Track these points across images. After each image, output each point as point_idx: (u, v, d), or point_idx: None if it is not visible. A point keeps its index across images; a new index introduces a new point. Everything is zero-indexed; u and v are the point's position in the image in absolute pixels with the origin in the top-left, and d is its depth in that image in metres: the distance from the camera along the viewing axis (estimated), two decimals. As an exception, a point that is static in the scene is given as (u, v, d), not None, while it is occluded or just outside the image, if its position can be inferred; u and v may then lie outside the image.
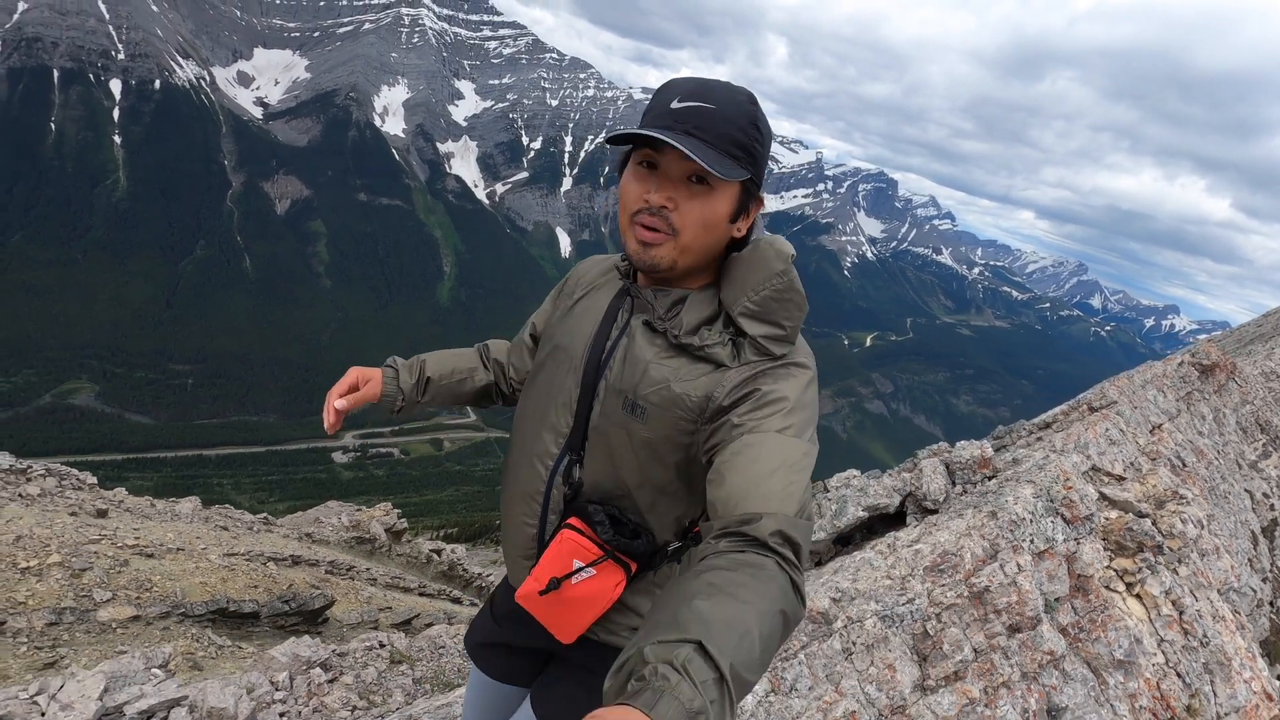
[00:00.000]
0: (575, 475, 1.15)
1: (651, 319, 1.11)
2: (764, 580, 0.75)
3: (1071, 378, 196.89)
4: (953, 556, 2.20)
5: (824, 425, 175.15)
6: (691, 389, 1.04)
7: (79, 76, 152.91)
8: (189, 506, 8.86)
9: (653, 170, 1.03)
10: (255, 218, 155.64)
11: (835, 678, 1.95)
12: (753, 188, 1.04)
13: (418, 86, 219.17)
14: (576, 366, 1.17)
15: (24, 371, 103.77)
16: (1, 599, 4.39)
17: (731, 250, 1.10)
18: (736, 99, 1.01)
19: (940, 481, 2.70)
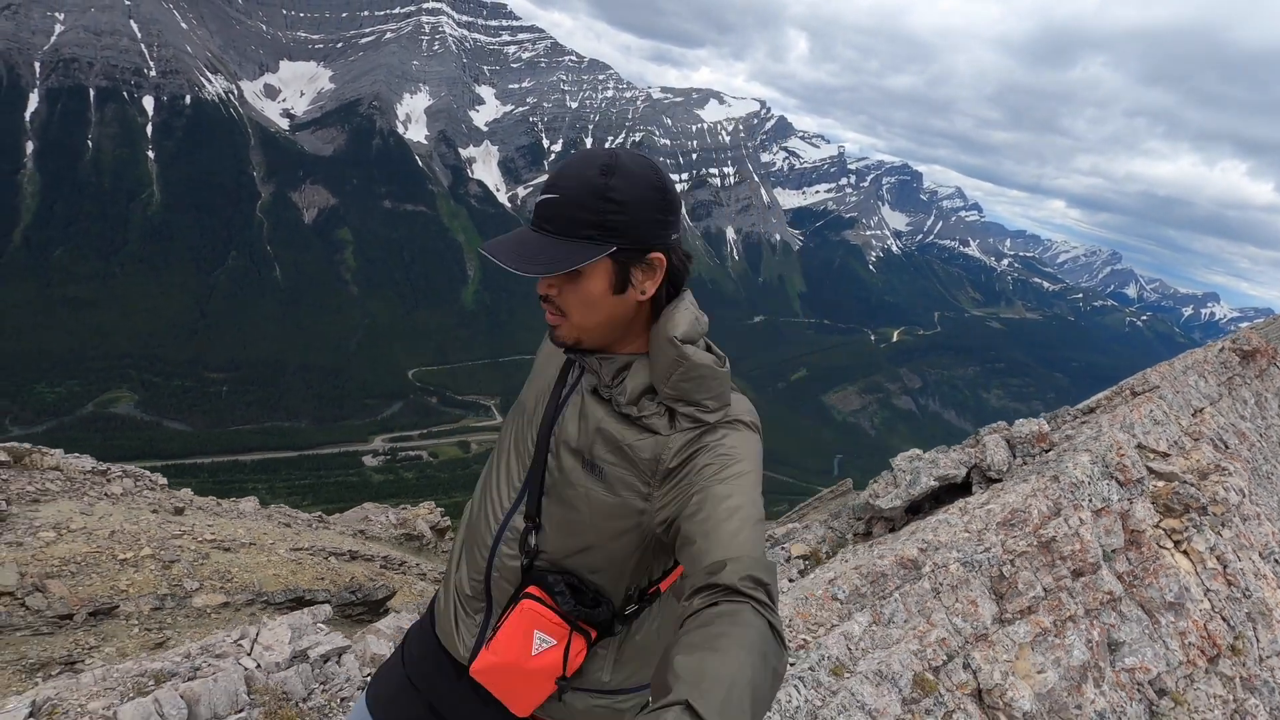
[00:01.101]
0: (531, 543, 1.15)
1: (598, 386, 1.13)
2: (741, 626, 0.76)
3: (1107, 369, 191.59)
4: (1021, 513, 2.51)
5: (851, 422, 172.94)
6: (641, 451, 1.07)
7: (114, 94, 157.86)
8: (250, 505, 9.47)
9: None
10: (284, 227, 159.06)
11: (926, 612, 2.23)
12: (632, 254, 1.05)
13: (439, 93, 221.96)
14: (532, 420, 1.20)
15: (68, 382, 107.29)
16: (107, 587, 4.93)
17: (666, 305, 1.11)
18: (584, 177, 1.03)
19: (1003, 454, 2.98)
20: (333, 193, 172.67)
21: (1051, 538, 2.48)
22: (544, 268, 1.01)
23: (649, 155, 1.09)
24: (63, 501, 6.32)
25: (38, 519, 5.72)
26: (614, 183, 1.02)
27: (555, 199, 1.03)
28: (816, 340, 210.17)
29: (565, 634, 1.10)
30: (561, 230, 1.02)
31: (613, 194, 1.02)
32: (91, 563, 5.28)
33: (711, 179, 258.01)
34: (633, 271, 1.06)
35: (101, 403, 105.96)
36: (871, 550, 2.53)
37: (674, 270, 1.10)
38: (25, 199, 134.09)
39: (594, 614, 1.11)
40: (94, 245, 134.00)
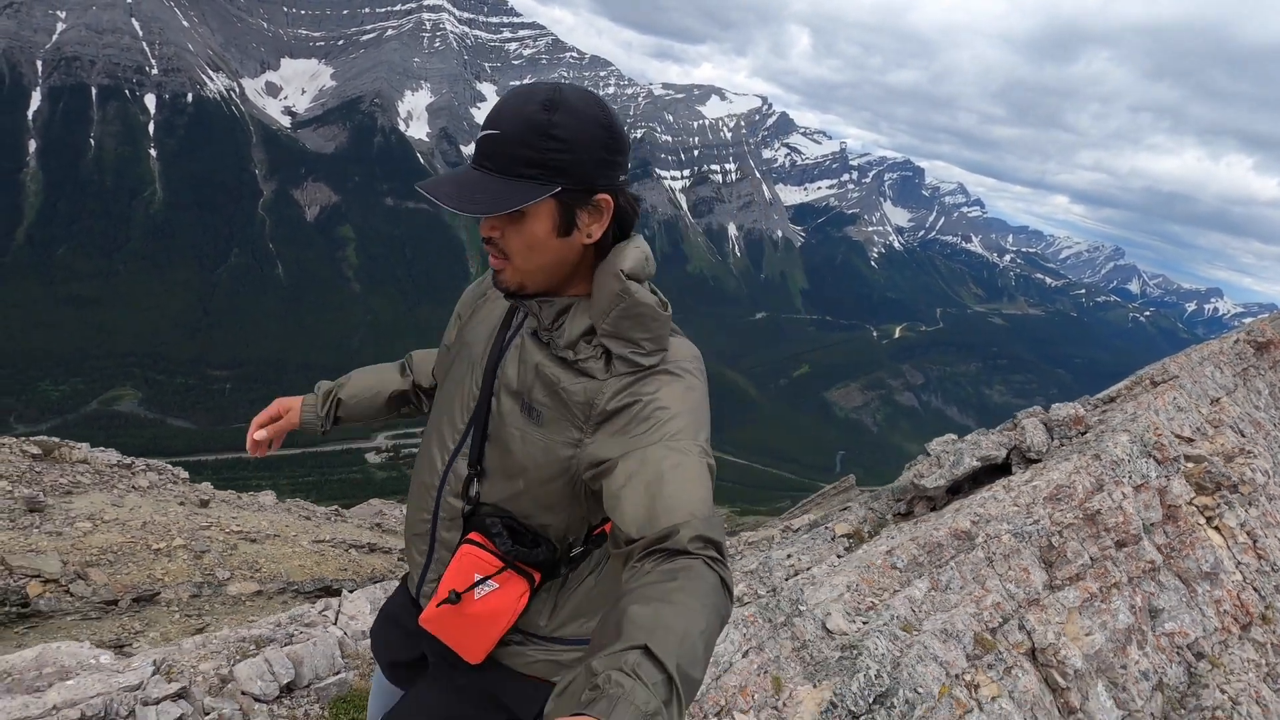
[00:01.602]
0: (473, 490, 1.15)
1: (538, 330, 1.12)
2: (694, 580, 0.77)
3: (1110, 365, 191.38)
4: (1067, 489, 2.70)
5: (854, 419, 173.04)
6: (576, 395, 1.06)
7: (115, 93, 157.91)
8: (269, 499, 9.57)
9: None
10: (286, 225, 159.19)
11: (981, 579, 2.39)
12: (577, 195, 1.01)
13: (440, 90, 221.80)
14: (476, 364, 1.19)
15: (72, 380, 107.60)
16: (144, 575, 5.07)
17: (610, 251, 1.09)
18: (525, 112, 0.97)
19: (1041, 436, 3.14)
20: (334, 190, 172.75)
21: (1096, 511, 2.64)
22: (482, 207, 0.96)
23: (595, 93, 1.02)
24: (94, 493, 6.43)
25: (73, 510, 5.84)
26: (557, 119, 0.96)
27: (495, 135, 0.98)
28: (818, 337, 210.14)
29: (508, 576, 1.10)
30: (502, 169, 0.98)
31: (556, 130, 0.96)
32: (127, 552, 5.39)
33: (713, 175, 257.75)
34: (578, 213, 1.02)
35: (105, 400, 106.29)
36: (917, 527, 2.61)
37: (621, 213, 1.06)
38: (28, 197, 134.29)
39: (532, 554, 1.11)
40: (97, 243, 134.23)
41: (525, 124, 0.96)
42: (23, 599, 3.92)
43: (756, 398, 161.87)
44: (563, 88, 0.99)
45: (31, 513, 5.31)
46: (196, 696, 2.32)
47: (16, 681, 2.30)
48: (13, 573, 4.34)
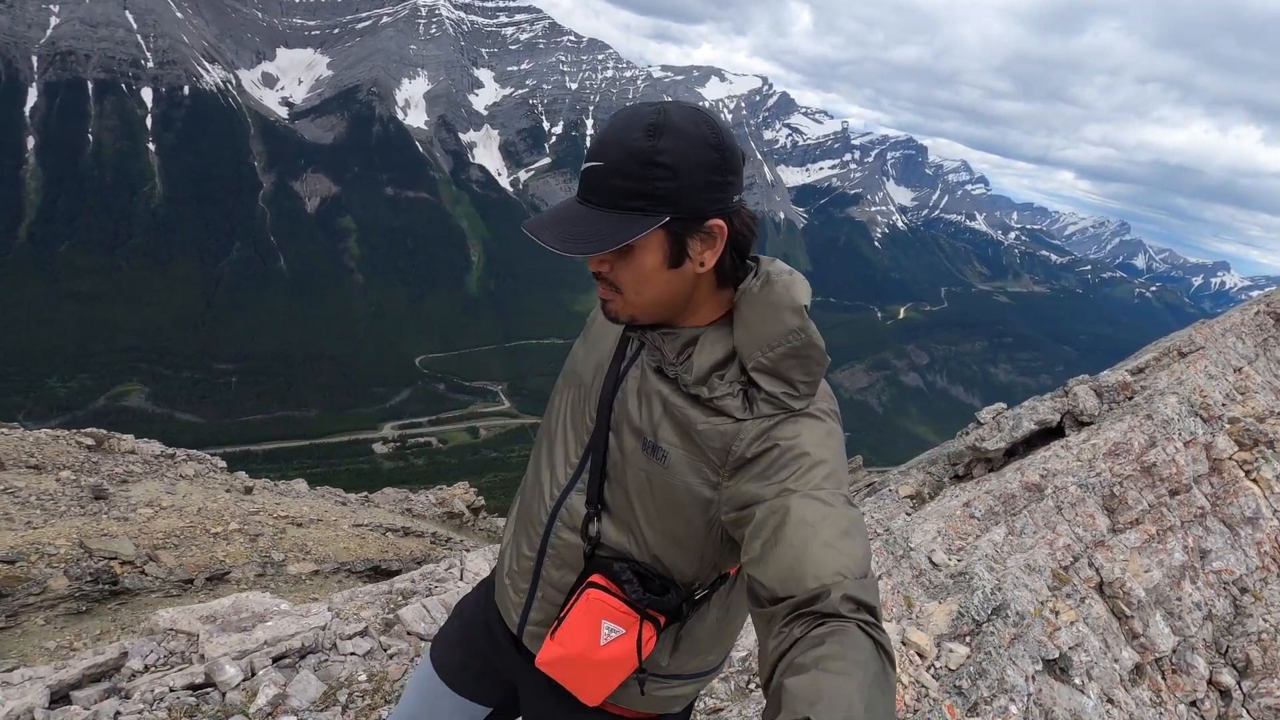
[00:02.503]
0: (594, 530, 1.10)
1: (662, 364, 1.04)
2: (850, 647, 0.72)
3: (1116, 341, 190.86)
4: (1124, 445, 3.00)
5: (859, 400, 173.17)
6: (708, 438, 0.99)
7: (112, 87, 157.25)
8: (303, 486, 9.87)
9: None
10: (287, 217, 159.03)
11: (1051, 525, 2.69)
12: (688, 224, 0.95)
13: (438, 78, 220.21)
14: (589, 394, 1.13)
15: (79, 376, 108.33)
16: (206, 557, 5.27)
17: (734, 275, 1.03)
18: (628, 140, 0.92)
19: (1093, 401, 3.45)
20: (334, 181, 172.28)
21: (1152, 463, 2.95)
22: (589, 246, 0.93)
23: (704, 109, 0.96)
24: (147, 482, 6.67)
25: (132, 497, 6.07)
26: (662, 145, 0.91)
27: (598, 167, 0.94)
28: (822, 319, 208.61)
29: (634, 622, 1.06)
30: (607, 202, 0.93)
31: (661, 158, 0.91)
32: (189, 536, 5.63)
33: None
34: (689, 242, 0.96)
35: (113, 396, 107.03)
36: (980, 485, 2.85)
37: (736, 236, 0.99)
38: (29, 194, 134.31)
39: (663, 601, 1.06)
40: (98, 239, 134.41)
41: (628, 153, 0.92)
42: (113, 578, 4.15)
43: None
44: (668, 108, 0.94)
45: (97, 500, 5.54)
46: (373, 635, 2.77)
47: (226, 622, 2.76)
48: (92, 555, 4.56)
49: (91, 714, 2.16)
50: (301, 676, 2.49)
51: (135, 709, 2.23)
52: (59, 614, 3.80)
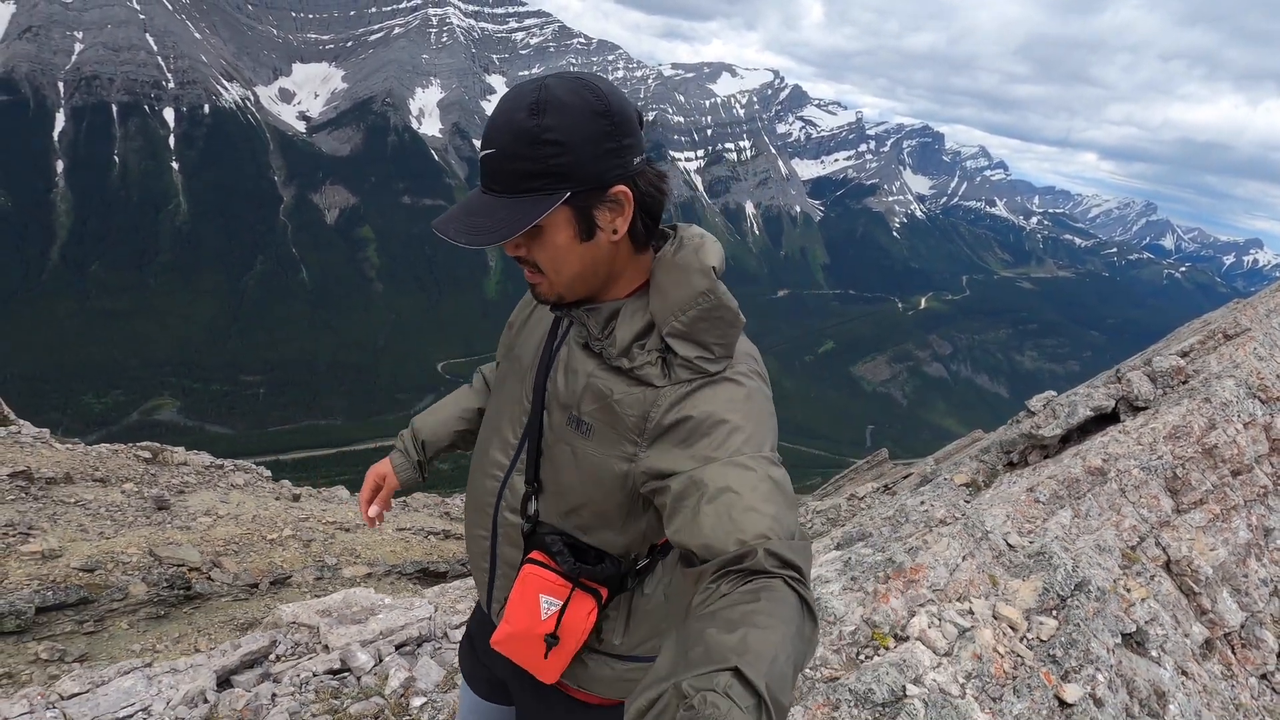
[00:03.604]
0: (532, 508, 1.12)
1: (588, 340, 1.06)
2: (776, 601, 0.74)
3: (1145, 324, 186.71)
4: (1183, 428, 3.08)
5: (882, 392, 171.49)
6: (629, 407, 1.00)
7: (135, 109, 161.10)
8: (345, 493, 10.09)
9: None
10: (307, 229, 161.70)
11: (1116, 507, 2.76)
12: (590, 195, 0.94)
13: (450, 86, 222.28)
14: (525, 376, 1.15)
15: (113, 392, 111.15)
16: (265, 562, 5.50)
17: (650, 239, 1.03)
18: (514, 123, 0.91)
19: (1147, 386, 3.50)
20: (352, 192, 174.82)
21: (1213, 445, 3.02)
22: (493, 235, 0.92)
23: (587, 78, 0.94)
24: (202, 492, 6.90)
25: (190, 507, 6.30)
26: (547, 121, 0.90)
27: (492, 154, 0.93)
28: (842, 311, 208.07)
29: (568, 593, 1.07)
30: (506, 187, 0.93)
31: (549, 135, 0.90)
32: (247, 543, 5.83)
33: (728, 154, 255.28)
34: (596, 214, 0.96)
35: (146, 410, 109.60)
36: (1037, 472, 2.90)
37: (644, 198, 0.98)
38: (59, 217, 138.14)
39: (596, 570, 1.08)
40: (127, 258, 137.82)
41: (516, 135, 0.91)
42: (186, 584, 4.34)
43: (782, 376, 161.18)
44: (548, 84, 0.92)
45: (160, 510, 5.77)
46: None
47: (341, 615, 3.00)
48: (162, 563, 4.76)
49: (253, 695, 2.43)
50: (423, 662, 2.75)
51: (287, 691, 2.51)
52: (140, 618, 3.99)
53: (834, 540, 2.86)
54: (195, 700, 2.35)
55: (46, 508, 4.94)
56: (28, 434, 6.25)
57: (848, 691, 1.78)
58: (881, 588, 2.12)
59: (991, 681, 1.86)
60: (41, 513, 4.83)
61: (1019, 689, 1.87)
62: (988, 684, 1.85)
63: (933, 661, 1.87)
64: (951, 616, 2.01)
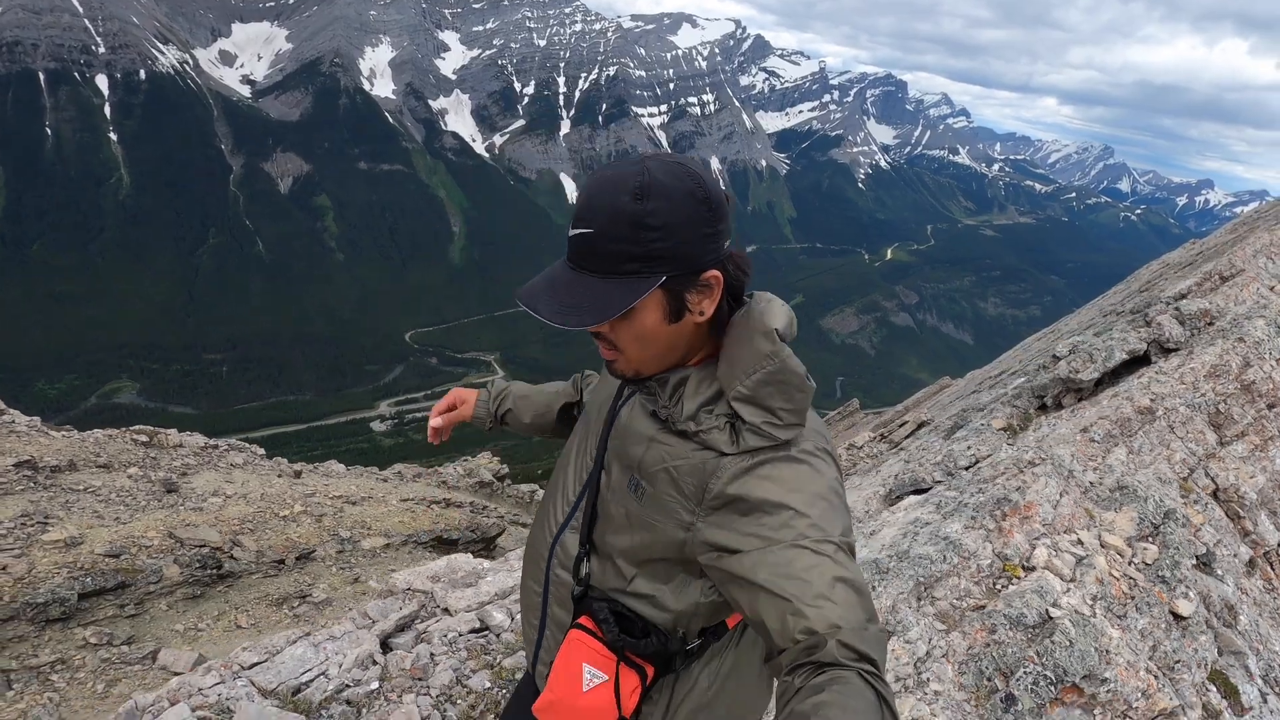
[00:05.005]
0: (584, 570, 1.10)
1: (655, 407, 1.04)
2: (848, 694, 0.71)
3: (1104, 267, 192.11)
4: (1221, 366, 3.27)
5: (851, 344, 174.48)
6: (689, 475, 0.98)
7: (65, 76, 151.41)
8: (340, 467, 10.02)
9: None
10: (260, 199, 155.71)
11: (1166, 442, 2.94)
12: (683, 279, 0.94)
13: (401, 44, 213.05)
14: (592, 432, 1.15)
15: (67, 376, 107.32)
16: (281, 539, 5.47)
17: (731, 309, 1.02)
18: (616, 206, 0.91)
19: (1177, 329, 3.64)
20: (305, 159, 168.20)
21: (1251, 381, 3.23)
22: (590, 317, 0.92)
23: (687, 162, 0.96)
24: (205, 473, 6.81)
25: (196, 488, 6.22)
26: (650, 206, 0.90)
27: (589, 234, 0.92)
28: (810, 265, 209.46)
29: (613, 666, 1.04)
30: (600, 268, 0.93)
31: (651, 220, 0.90)
32: (261, 521, 5.80)
33: (691, 109, 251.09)
34: (687, 297, 0.96)
35: (104, 394, 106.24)
36: (1076, 414, 3.08)
37: (733, 281, 1.00)
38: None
39: (641, 645, 1.03)
40: (70, 236, 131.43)
41: (618, 218, 0.91)
42: (218, 563, 4.33)
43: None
44: (650, 168, 0.92)
45: (169, 493, 5.69)
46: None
47: (451, 580, 3.16)
48: (184, 544, 4.73)
49: (414, 655, 2.61)
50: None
51: (441, 650, 2.68)
52: (177, 599, 3.98)
53: (884, 485, 3.00)
54: (365, 662, 2.54)
55: (58, 496, 4.84)
56: (21, 423, 6.07)
57: (1001, 617, 2.00)
58: (1004, 524, 2.31)
59: (1114, 602, 2.11)
60: (54, 501, 4.73)
61: (1139, 606, 2.13)
62: (1112, 604, 2.11)
63: (1062, 587, 2.09)
64: (1066, 547, 2.25)
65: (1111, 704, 1.84)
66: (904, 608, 2.08)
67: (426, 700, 2.39)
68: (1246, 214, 11.86)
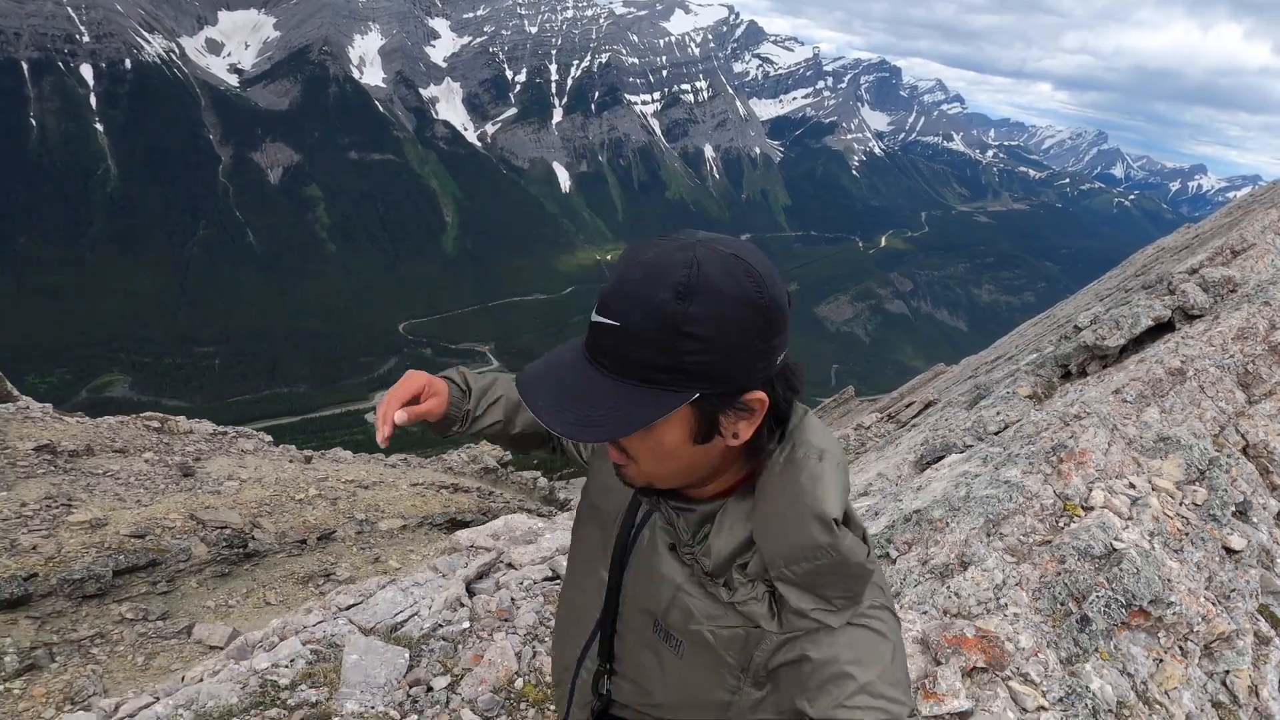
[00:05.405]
0: (604, 688, 1.01)
1: (676, 542, 0.91)
2: None
3: (1098, 253, 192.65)
4: (1248, 329, 3.36)
5: (846, 332, 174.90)
6: (726, 643, 0.86)
7: (48, 66, 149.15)
8: (348, 454, 10.20)
9: None
10: (250, 190, 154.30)
11: (1197, 401, 3.04)
12: (721, 399, 0.78)
13: (391, 31, 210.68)
14: (605, 545, 1.01)
15: (57, 371, 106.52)
16: (299, 521, 5.57)
17: (772, 430, 0.85)
18: (653, 301, 0.73)
19: (1201, 296, 3.75)
20: (295, 149, 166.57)
21: (1278, 343, 3.35)
22: (599, 433, 0.76)
23: (748, 261, 0.76)
24: (218, 458, 6.84)
25: (212, 473, 6.25)
26: (694, 311, 0.72)
27: (614, 328, 0.75)
28: (804, 253, 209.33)
29: None
30: (622, 371, 0.76)
31: (693, 328, 0.73)
32: (278, 504, 5.84)
33: (684, 96, 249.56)
34: (721, 419, 0.80)
35: (95, 388, 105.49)
36: (1106, 382, 3.15)
37: (780, 402, 0.82)
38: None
39: None
40: (58, 230, 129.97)
41: (651, 316, 0.73)
42: (243, 542, 4.37)
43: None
44: (701, 259, 0.74)
45: (186, 477, 5.72)
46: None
47: (510, 537, 3.33)
48: (205, 526, 4.77)
49: (496, 599, 2.81)
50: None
51: (520, 595, 2.85)
52: (207, 577, 4.02)
53: (912, 453, 3.08)
54: (454, 605, 2.75)
55: (78, 479, 4.86)
56: (35, 409, 6.07)
57: (1070, 549, 2.20)
58: (1062, 468, 2.47)
59: (1170, 538, 2.30)
60: (75, 484, 4.76)
61: (1194, 541, 2.33)
62: (1168, 540, 2.29)
63: (1122, 524, 2.28)
64: (1121, 490, 2.42)
65: (1175, 627, 2.03)
66: (976, 542, 2.26)
67: (515, 638, 2.57)
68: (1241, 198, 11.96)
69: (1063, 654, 1.98)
